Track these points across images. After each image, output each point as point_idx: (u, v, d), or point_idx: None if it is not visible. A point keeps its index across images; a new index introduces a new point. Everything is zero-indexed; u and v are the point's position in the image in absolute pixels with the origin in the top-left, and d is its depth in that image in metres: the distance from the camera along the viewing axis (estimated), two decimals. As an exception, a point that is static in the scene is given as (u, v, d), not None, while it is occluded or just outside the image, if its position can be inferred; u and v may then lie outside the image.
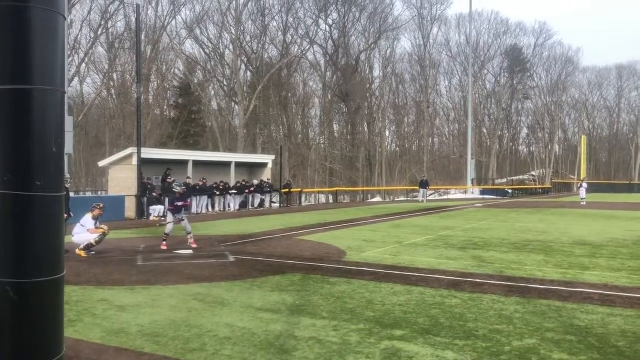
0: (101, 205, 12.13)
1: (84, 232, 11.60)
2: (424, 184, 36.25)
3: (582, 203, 31.48)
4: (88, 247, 11.44)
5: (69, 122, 19.22)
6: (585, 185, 34.18)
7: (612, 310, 6.81)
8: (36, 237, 2.08)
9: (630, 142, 77.57)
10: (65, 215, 11.58)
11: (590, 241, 13.76)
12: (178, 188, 13.11)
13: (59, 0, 2.16)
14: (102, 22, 42.51)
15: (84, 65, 43.14)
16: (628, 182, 63.03)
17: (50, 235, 2.13)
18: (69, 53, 33.83)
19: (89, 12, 41.51)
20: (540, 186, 58.90)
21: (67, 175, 13.13)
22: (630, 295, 7.69)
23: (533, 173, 72.59)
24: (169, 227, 12.48)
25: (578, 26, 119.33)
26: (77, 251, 11.41)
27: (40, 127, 2.08)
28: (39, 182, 2.05)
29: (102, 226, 11.90)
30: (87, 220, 11.75)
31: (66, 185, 12.33)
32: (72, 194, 16.65)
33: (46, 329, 2.11)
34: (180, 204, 12.67)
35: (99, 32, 42.59)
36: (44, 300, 2.10)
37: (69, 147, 19.38)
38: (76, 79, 42.40)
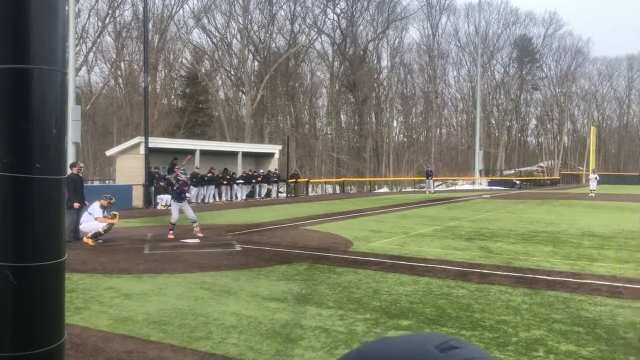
0: (109, 197, 12.15)
1: (91, 220, 11.68)
2: (429, 174, 36.16)
3: (590, 194, 31.21)
4: (96, 236, 11.51)
5: (76, 110, 19.26)
6: (597, 176, 33.76)
7: (621, 301, 6.74)
8: (36, 220, 2.04)
9: (640, 134, 76.85)
10: (77, 205, 11.70)
11: (598, 233, 13.65)
12: (182, 175, 13.13)
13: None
14: (110, 11, 42.55)
15: (91, 54, 43.27)
16: (638, 174, 62.42)
17: (50, 218, 2.08)
18: (77, 42, 33.81)
19: (97, 1, 41.54)
20: (548, 177, 58.49)
21: (81, 164, 13.21)
22: (638, 287, 7.61)
23: (541, 164, 72.06)
24: (174, 217, 12.53)
25: (588, 16, 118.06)
26: (85, 239, 11.49)
27: (39, 109, 2.02)
28: (38, 164, 2.00)
29: (115, 212, 11.97)
30: (95, 208, 11.82)
31: (79, 174, 12.44)
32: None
33: (47, 314, 2.08)
34: (177, 190, 12.69)
35: (107, 21, 42.64)
36: (44, 284, 2.06)
37: (76, 136, 19.43)
38: (84, 68, 42.52)
